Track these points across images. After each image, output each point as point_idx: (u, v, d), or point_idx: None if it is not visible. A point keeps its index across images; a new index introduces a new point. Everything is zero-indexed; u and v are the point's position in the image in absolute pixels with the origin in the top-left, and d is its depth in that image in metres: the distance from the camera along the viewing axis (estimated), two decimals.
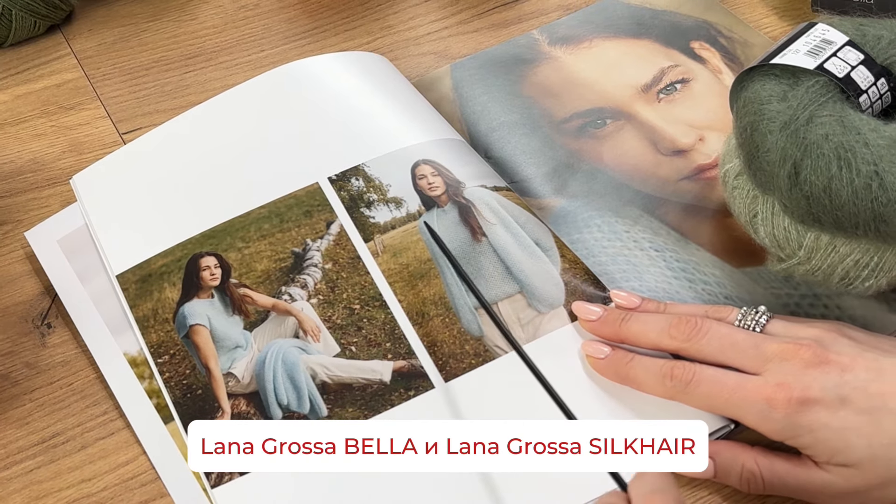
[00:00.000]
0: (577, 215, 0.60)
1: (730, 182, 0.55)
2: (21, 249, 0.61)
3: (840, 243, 0.51)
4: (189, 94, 0.68)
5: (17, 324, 0.58)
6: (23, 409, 0.54)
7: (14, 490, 0.51)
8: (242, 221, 0.58)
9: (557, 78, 0.67)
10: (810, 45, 0.52)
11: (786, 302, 0.55)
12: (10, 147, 0.66)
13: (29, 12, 0.70)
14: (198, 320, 0.55)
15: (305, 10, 0.74)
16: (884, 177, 0.47)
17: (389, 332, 0.54)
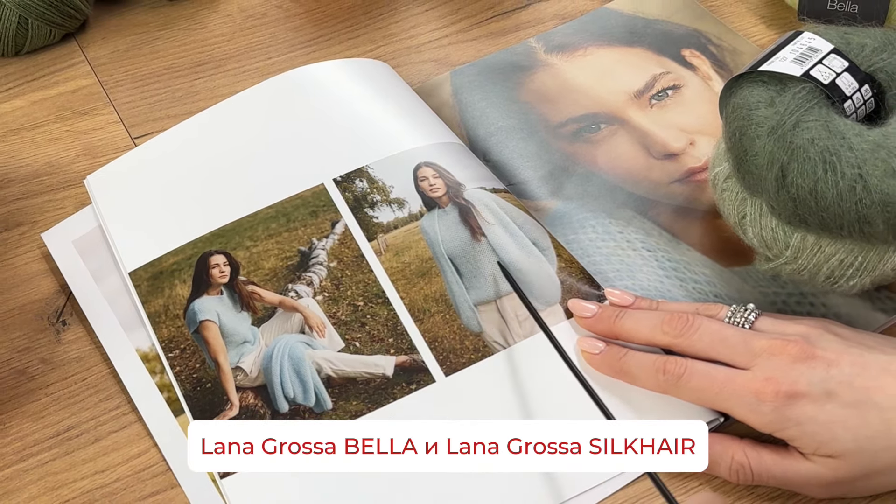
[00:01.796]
0: (572, 216, 0.60)
1: (719, 185, 0.55)
2: (37, 250, 0.61)
3: (825, 243, 0.51)
4: (199, 101, 0.68)
5: (34, 321, 0.58)
6: (39, 403, 0.54)
7: (30, 481, 0.51)
8: (250, 221, 0.58)
9: (553, 84, 0.67)
10: (797, 53, 0.52)
11: (773, 300, 0.55)
12: (27, 151, 0.67)
13: (45, 21, 0.70)
14: (207, 316, 0.55)
15: (311, 20, 0.74)
16: (867, 179, 0.47)
17: (392, 327, 0.54)
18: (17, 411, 0.54)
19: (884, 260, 0.51)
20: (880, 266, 0.51)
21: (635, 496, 0.49)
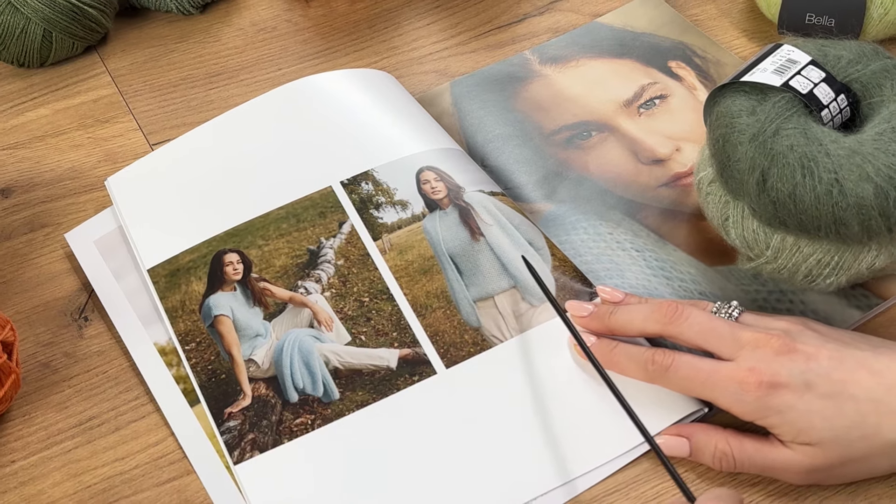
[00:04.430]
0: (565, 219, 0.60)
1: (704, 188, 0.55)
2: (61, 249, 0.61)
3: (804, 244, 0.51)
4: (213, 109, 0.68)
5: (57, 317, 0.58)
6: (62, 394, 0.54)
7: (54, 468, 0.51)
8: (263, 221, 0.58)
9: (547, 94, 0.67)
10: (777, 65, 0.52)
11: (755, 297, 0.55)
12: (51, 157, 0.67)
13: (68, 34, 0.70)
14: (222, 311, 0.55)
15: (318, 33, 0.74)
16: (843, 184, 0.48)
17: (396, 322, 0.54)
18: (42, 402, 0.54)
19: (858, 259, 0.51)
20: (855, 265, 0.51)
21: (625, 482, 0.49)
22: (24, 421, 0.53)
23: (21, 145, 0.67)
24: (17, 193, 0.64)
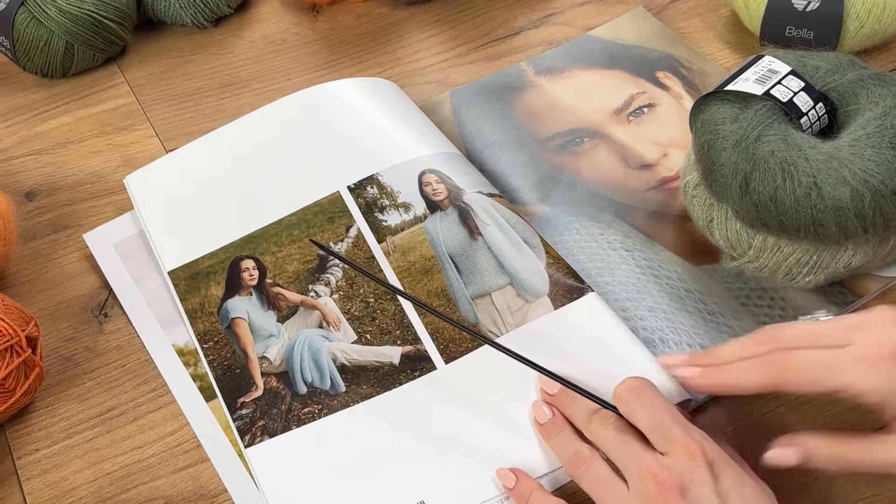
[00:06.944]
0: (558, 220, 0.60)
1: (689, 192, 0.55)
2: (82, 250, 0.61)
3: (784, 244, 0.51)
4: (226, 117, 0.68)
5: (79, 314, 0.58)
6: (83, 386, 0.54)
7: (76, 456, 0.51)
8: (276, 227, 0.58)
9: (542, 103, 0.67)
10: (758, 75, 0.52)
11: (737, 295, 0.55)
12: (73, 162, 0.67)
13: (89, 47, 0.70)
14: (238, 314, 0.55)
15: (326, 45, 0.74)
16: (821, 187, 0.48)
17: (399, 321, 0.54)
18: (64, 394, 0.54)
19: (836, 259, 0.51)
20: (833, 264, 0.51)
21: None
22: (47, 412, 0.53)
23: (45, 151, 0.67)
24: (41, 196, 0.64)
